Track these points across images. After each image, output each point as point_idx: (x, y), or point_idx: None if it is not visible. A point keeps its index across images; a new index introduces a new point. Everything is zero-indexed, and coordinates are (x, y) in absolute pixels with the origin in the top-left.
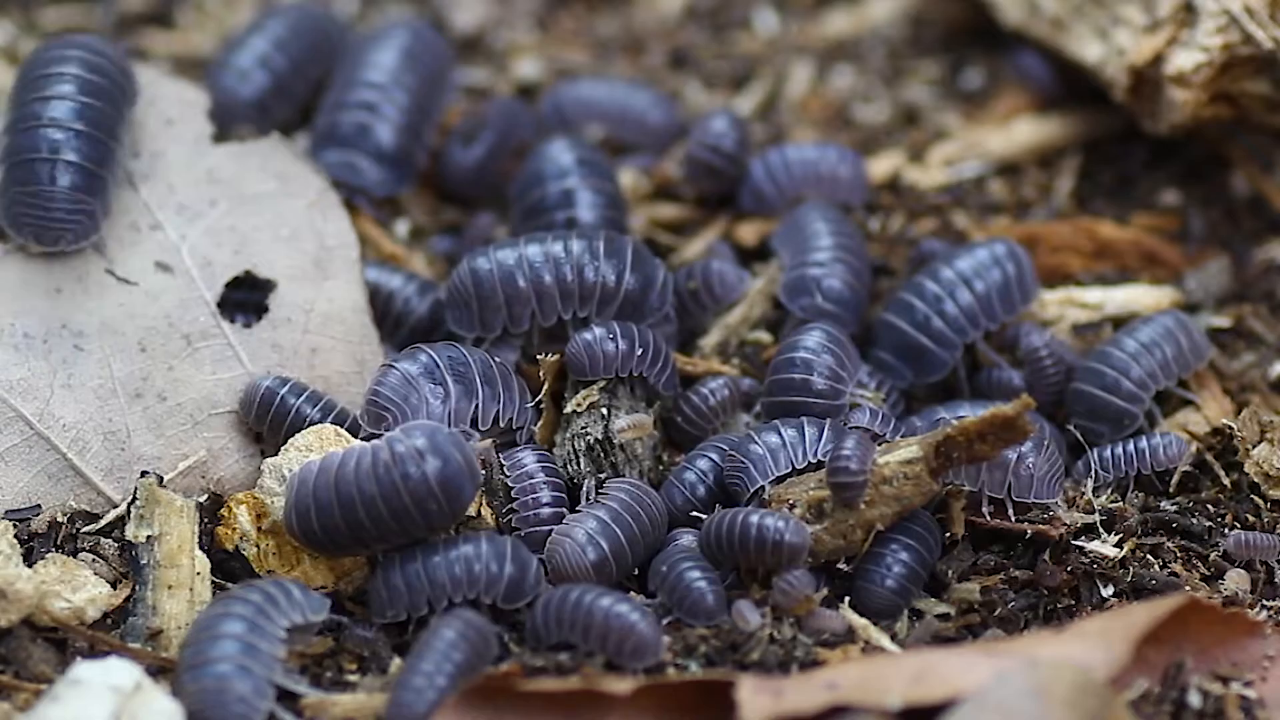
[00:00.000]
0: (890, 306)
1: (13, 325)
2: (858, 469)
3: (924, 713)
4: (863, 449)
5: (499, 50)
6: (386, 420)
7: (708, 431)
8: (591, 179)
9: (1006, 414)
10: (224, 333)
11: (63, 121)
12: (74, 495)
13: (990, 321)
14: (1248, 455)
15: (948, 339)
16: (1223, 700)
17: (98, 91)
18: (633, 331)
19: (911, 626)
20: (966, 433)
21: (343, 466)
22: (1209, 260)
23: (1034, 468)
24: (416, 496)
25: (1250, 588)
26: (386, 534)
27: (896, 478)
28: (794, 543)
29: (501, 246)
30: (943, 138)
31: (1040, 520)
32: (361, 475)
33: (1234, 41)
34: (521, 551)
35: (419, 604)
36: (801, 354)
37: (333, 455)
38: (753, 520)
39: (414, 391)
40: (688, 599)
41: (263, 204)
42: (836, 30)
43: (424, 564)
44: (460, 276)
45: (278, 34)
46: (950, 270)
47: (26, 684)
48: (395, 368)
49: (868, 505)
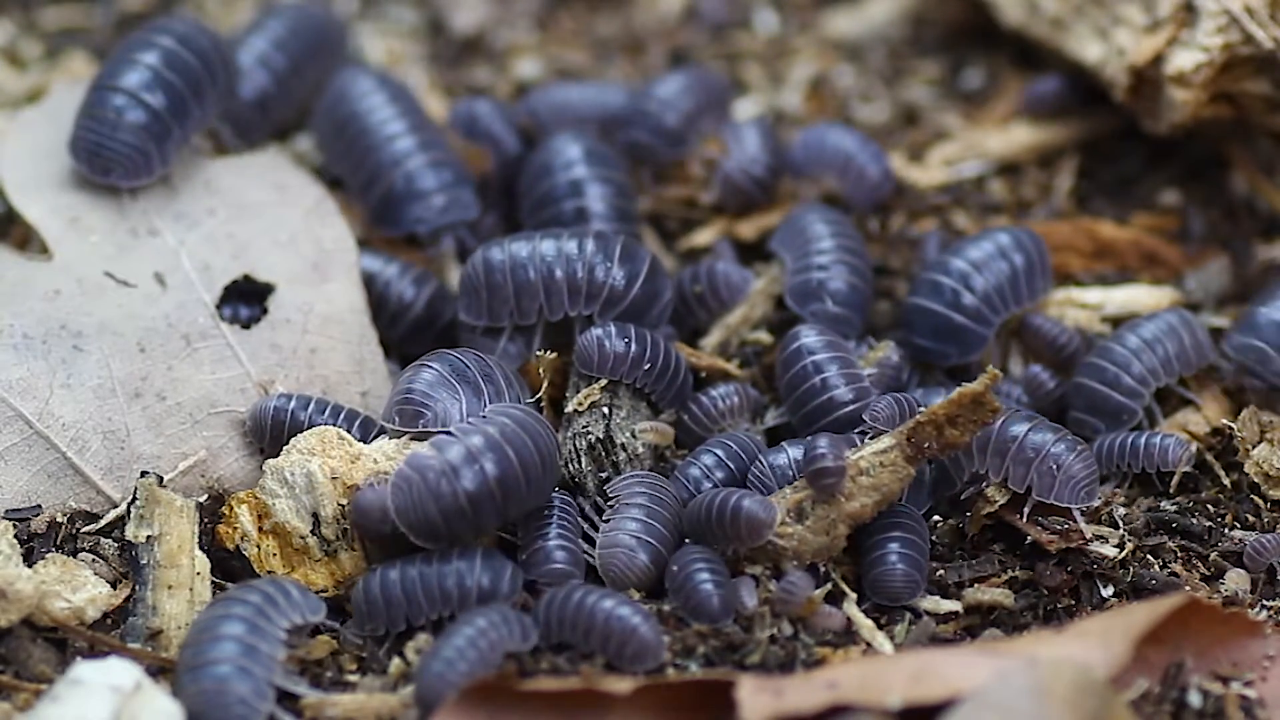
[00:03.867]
0: (917, 290)
1: (12, 326)
2: (834, 460)
3: (924, 713)
4: (836, 442)
5: (499, 50)
6: (425, 418)
7: (714, 435)
8: (600, 169)
9: (974, 391)
10: (223, 333)
11: (154, 65)
12: (74, 495)
13: (1017, 304)
14: (1248, 455)
15: (983, 315)
16: (1223, 700)
17: (197, 52)
18: (646, 339)
19: (910, 628)
20: (935, 418)
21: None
22: (1209, 260)
23: (1060, 468)
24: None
25: (1250, 588)
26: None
27: (873, 467)
28: (754, 511)
29: (517, 239)
30: (943, 138)
31: (1054, 527)
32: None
33: (1234, 41)
34: (495, 560)
35: (398, 619)
36: (814, 370)
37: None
38: (720, 496)
39: (448, 391)
40: (693, 600)
41: (261, 211)
42: (836, 30)
43: (412, 576)
44: (474, 264)
45: (277, 34)
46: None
47: (26, 684)
48: (428, 366)
49: (847, 498)
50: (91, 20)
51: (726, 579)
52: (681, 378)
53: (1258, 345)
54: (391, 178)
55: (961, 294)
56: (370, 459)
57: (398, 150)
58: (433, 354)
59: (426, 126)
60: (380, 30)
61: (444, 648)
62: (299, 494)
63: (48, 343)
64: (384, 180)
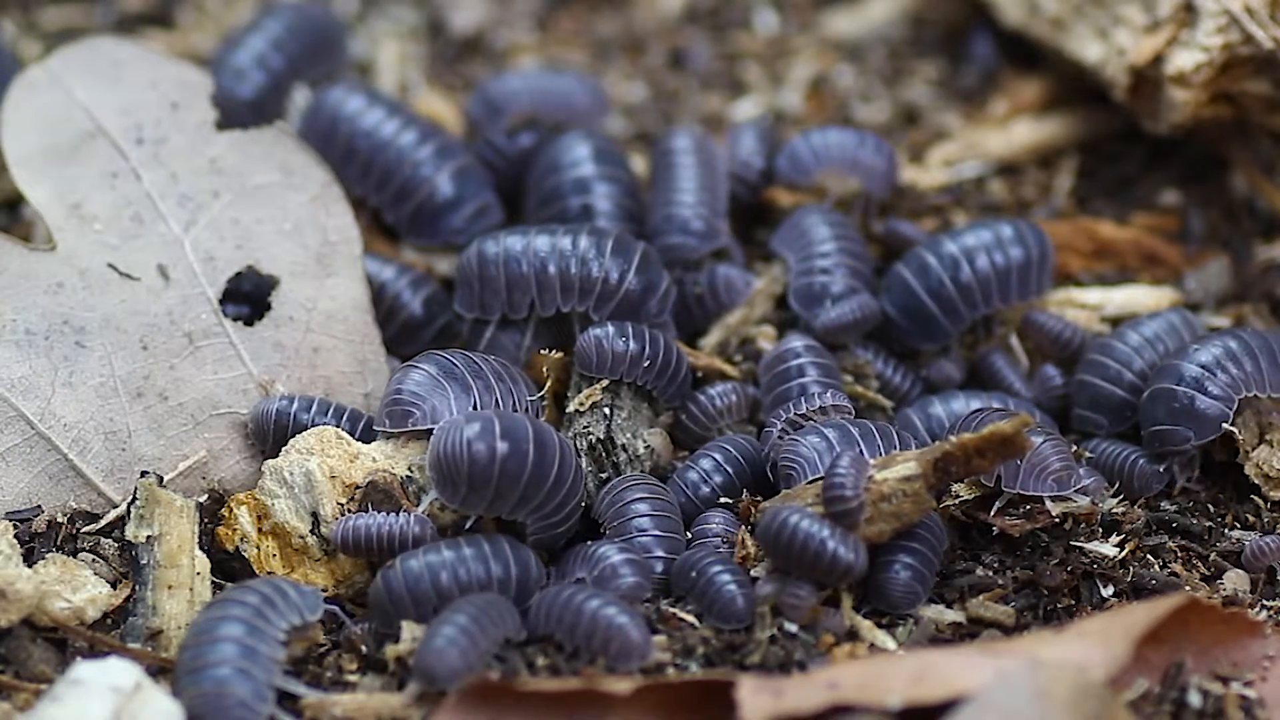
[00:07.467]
0: (908, 262)
1: (14, 321)
2: (852, 493)
3: (924, 713)
4: (857, 469)
5: (499, 50)
6: (414, 417)
7: (712, 433)
8: (606, 167)
9: (1005, 432)
10: (226, 331)
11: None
12: (74, 496)
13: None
14: (1248, 456)
15: (957, 311)
16: (1223, 700)
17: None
18: (645, 336)
19: (911, 629)
20: (965, 449)
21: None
22: (1209, 260)
23: (1025, 458)
24: None
25: (1250, 588)
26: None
27: (895, 495)
28: (848, 559)
29: (513, 232)
30: (943, 138)
31: (1018, 513)
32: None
33: (1234, 41)
34: (521, 551)
35: (426, 611)
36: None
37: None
38: (808, 530)
39: (437, 390)
40: (718, 602)
41: (266, 196)
42: (836, 30)
43: (436, 565)
44: (468, 256)
45: (276, 34)
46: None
47: (26, 684)
48: (417, 367)
49: (867, 522)
50: (91, 20)
51: (746, 577)
52: (683, 374)
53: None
54: (422, 191)
55: (945, 283)
56: (369, 458)
57: (421, 160)
58: (422, 355)
59: (436, 132)
60: (380, 30)
61: (442, 627)
62: (298, 494)
63: (50, 339)
64: (415, 194)
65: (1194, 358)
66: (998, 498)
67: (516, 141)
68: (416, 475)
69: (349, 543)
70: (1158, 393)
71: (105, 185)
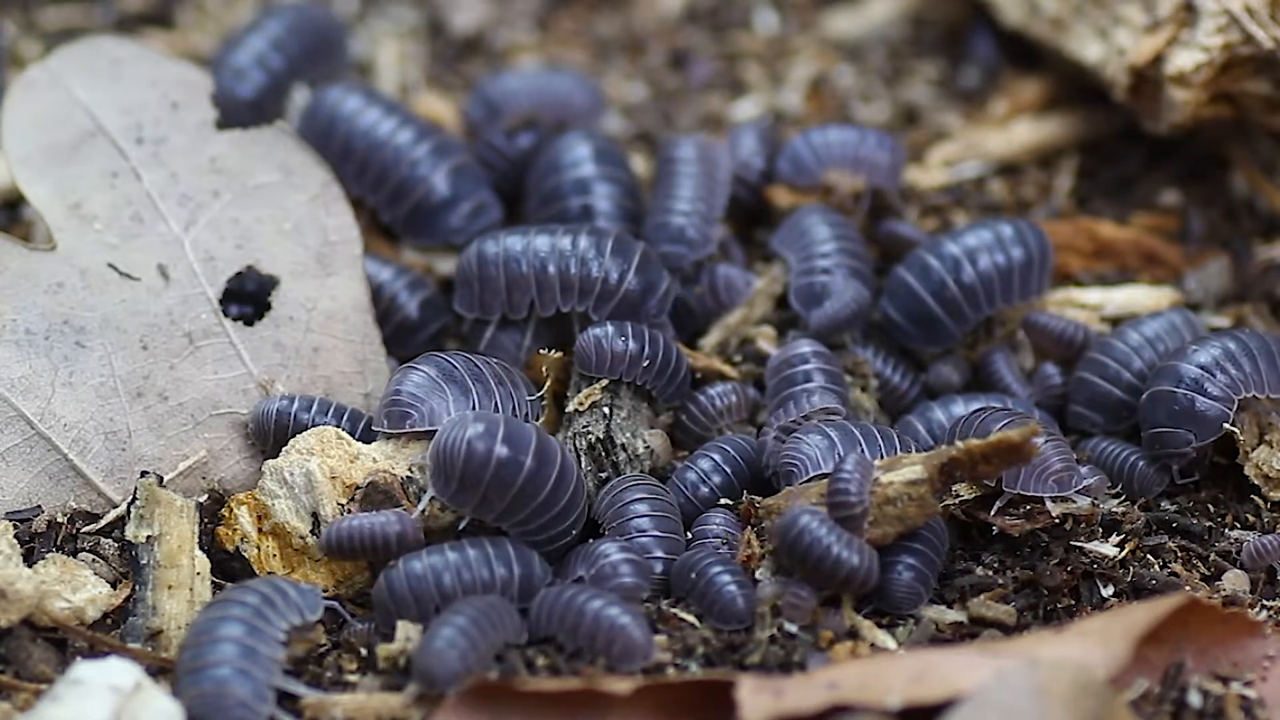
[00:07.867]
0: (909, 265)
1: (14, 321)
2: (856, 497)
3: (924, 713)
4: (861, 472)
5: (499, 50)
6: (412, 418)
7: (712, 434)
8: (607, 167)
9: (1012, 440)
10: (226, 331)
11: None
12: (74, 496)
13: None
14: (1248, 457)
15: (962, 313)
16: (1223, 700)
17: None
18: (645, 336)
19: (911, 629)
20: (971, 454)
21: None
22: (1209, 260)
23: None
24: None
25: (1250, 588)
26: None
27: (900, 498)
28: (865, 571)
29: (513, 232)
30: (943, 138)
31: (1018, 513)
32: None
33: (1234, 41)
34: (525, 553)
35: (429, 611)
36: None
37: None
38: (825, 542)
39: (436, 392)
40: (718, 603)
41: (266, 196)
42: (836, 30)
43: (439, 566)
44: (468, 256)
45: (276, 33)
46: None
47: (26, 684)
48: (416, 369)
49: (871, 525)
50: (91, 20)
51: (746, 578)
52: (682, 373)
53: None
54: (418, 191)
55: (948, 284)
56: (369, 459)
57: (417, 159)
58: (422, 356)
59: (433, 131)
60: (380, 30)
61: (442, 629)
62: (298, 494)
63: (50, 339)
64: (411, 194)
65: (1193, 359)
66: (998, 497)
67: (516, 142)
68: (417, 476)
69: (335, 546)
70: (1157, 395)
71: (105, 185)
